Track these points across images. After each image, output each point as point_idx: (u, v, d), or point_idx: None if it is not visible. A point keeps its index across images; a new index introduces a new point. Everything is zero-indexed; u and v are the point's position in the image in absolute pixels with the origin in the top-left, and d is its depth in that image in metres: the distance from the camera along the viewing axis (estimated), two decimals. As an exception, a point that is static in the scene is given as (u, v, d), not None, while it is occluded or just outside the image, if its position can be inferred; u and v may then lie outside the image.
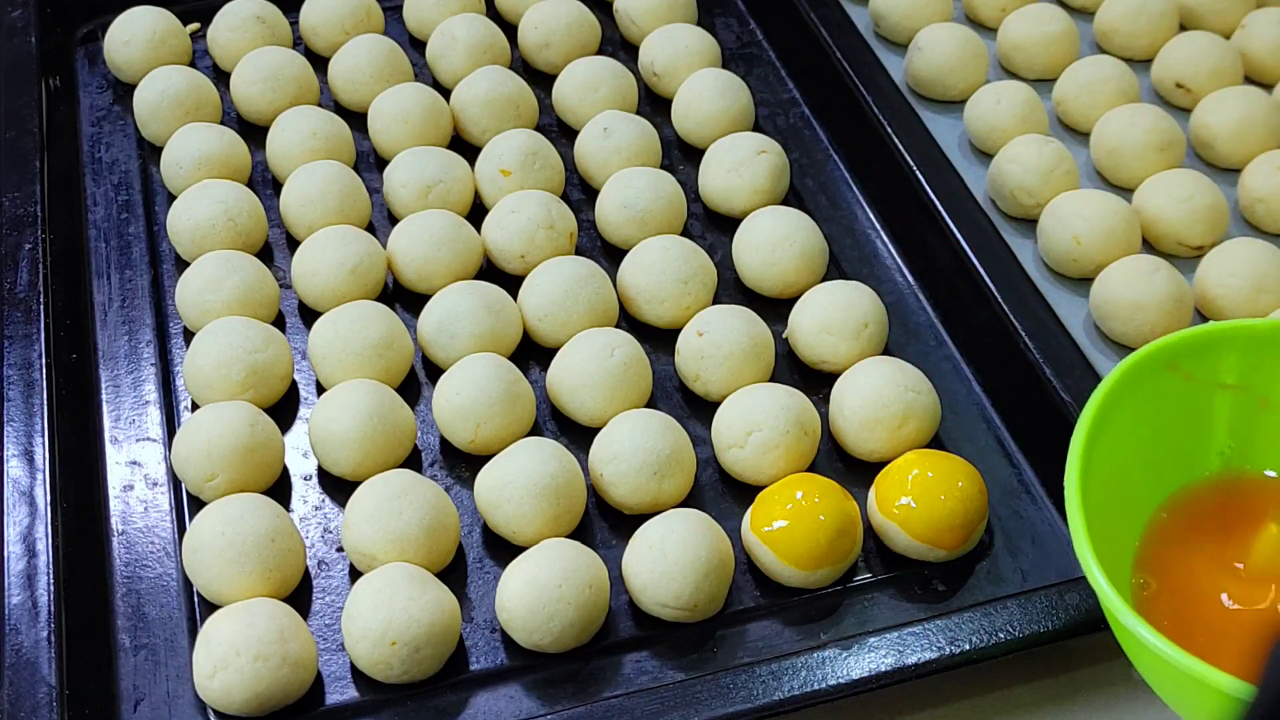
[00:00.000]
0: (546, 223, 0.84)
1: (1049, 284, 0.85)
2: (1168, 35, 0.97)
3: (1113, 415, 0.59)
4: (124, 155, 0.94)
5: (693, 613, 0.68)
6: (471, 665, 0.67)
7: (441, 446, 0.77)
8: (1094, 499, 0.56)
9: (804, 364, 0.81)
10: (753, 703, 0.62)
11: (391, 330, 0.78)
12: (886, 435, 0.74)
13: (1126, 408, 0.60)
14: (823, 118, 0.97)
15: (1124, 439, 0.60)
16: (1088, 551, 0.54)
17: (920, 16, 1.00)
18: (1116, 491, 0.59)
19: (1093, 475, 0.57)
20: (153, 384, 0.80)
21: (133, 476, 0.75)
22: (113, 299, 0.85)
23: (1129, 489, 0.61)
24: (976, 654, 0.65)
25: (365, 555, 0.68)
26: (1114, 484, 0.59)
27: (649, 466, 0.71)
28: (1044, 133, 0.92)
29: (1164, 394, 0.61)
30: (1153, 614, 0.57)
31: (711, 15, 1.05)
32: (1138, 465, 0.61)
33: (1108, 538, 0.57)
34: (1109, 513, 0.58)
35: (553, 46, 0.98)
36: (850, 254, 0.88)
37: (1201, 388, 0.62)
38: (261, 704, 0.63)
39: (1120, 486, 0.60)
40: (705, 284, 0.82)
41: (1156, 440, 0.62)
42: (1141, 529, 0.61)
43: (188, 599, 0.70)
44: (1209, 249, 0.84)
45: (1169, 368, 0.61)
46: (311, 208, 0.85)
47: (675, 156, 0.94)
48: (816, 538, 0.68)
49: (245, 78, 0.94)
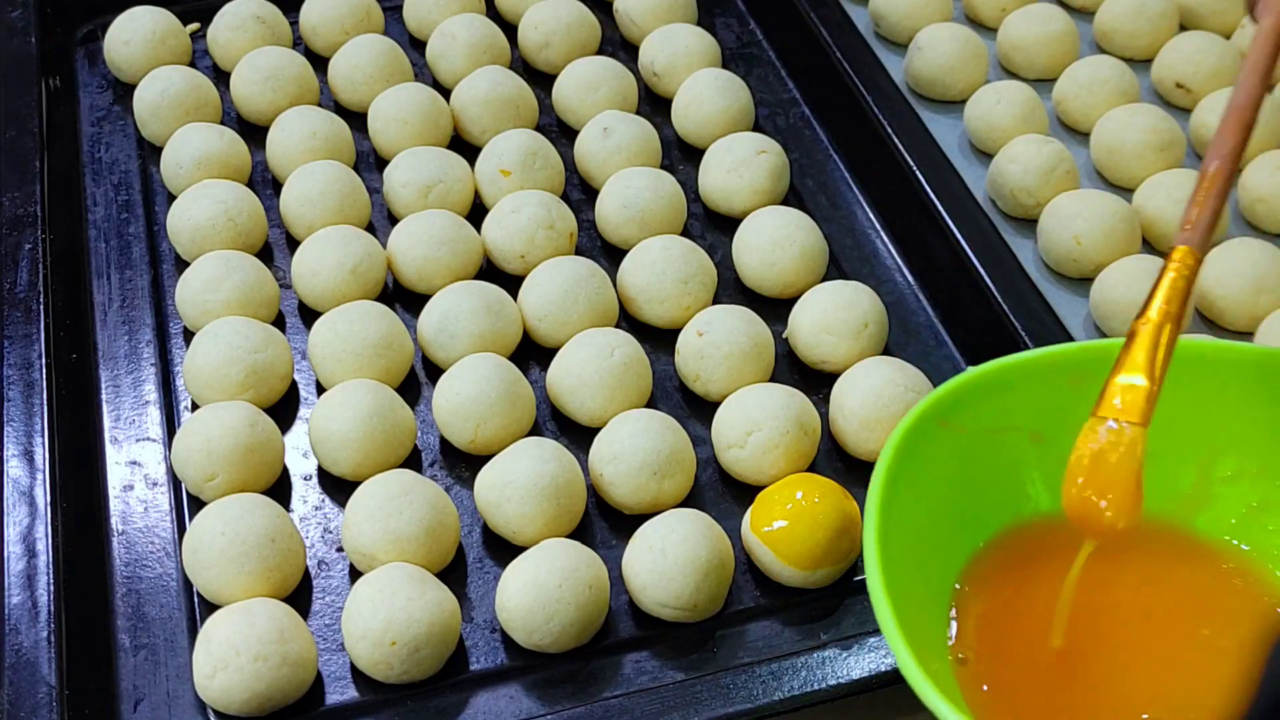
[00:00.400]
0: (546, 223, 0.84)
1: (1049, 284, 0.85)
2: (1168, 35, 0.97)
3: (900, 484, 0.56)
4: (124, 155, 0.94)
5: (693, 613, 0.68)
6: (471, 665, 0.67)
7: (441, 446, 0.77)
8: (899, 572, 0.53)
9: (804, 364, 0.81)
10: (753, 703, 0.62)
11: (391, 330, 0.78)
12: (886, 435, 0.74)
13: (912, 473, 0.56)
14: (823, 118, 0.97)
15: (913, 510, 0.56)
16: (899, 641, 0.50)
17: (920, 16, 1.00)
18: (921, 566, 0.56)
19: (891, 554, 0.53)
20: (153, 384, 0.80)
21: (133, 476, 0.75)
22: (113, 299, 0.85)
23: (932, 561, 0.58)
24: (976, 654, 0.65)
25: (365, 555, 0.68)
26: (915, 560, 0.56)
27: (649, 466, 0.71)
28: (1044, 133, 0.92)
29: (941, 451, 0.58)
30: (973, 686, 0.55)
31: (711, 15, 1.05)
32: (931, 535, 0.58)
33: (920, 616, 0.54)
34: (919, 590, 0.55)
35: (553, 46, 0.98)
36: (850, 254, 0.88)
37: (972, 437, 0.59)
38: (261, 704, 0.63)
39: (924, 561, 0.57)
40: (705, 284, 0.82)
41: (943, 503, 0.59)
42: (949, 599, 0.58)
43: (188, 599, 0.70)
44: (1209, 249, 0.83)
45: (939, 423, 0.58)
46: (311, 208, 0.85)
47: (675, 156, 0.94)
48: (816, 538, 0.68)
49: (245, 78, 0.94)
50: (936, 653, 0.56)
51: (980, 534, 0.60)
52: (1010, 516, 0.61)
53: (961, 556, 0.60)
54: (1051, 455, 0.59)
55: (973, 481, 0.60)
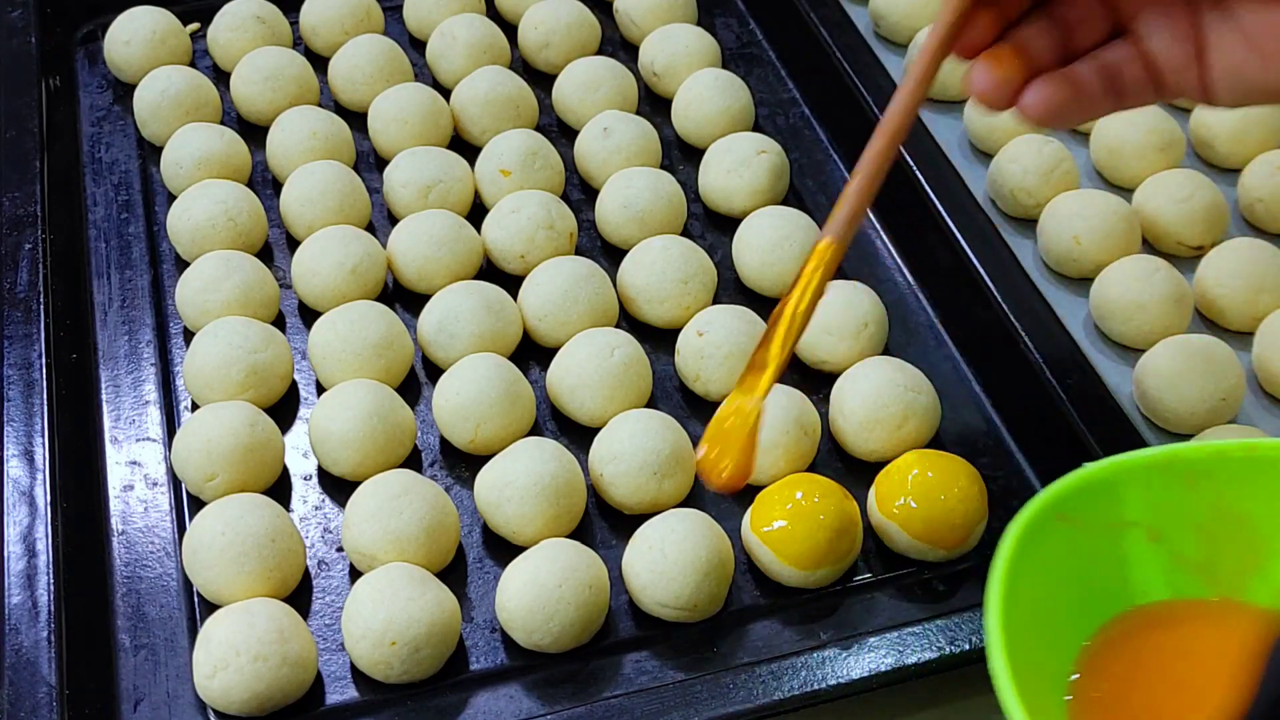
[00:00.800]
0: (546, 223, 0.84)
1: (1049, 284, 0.85)
2: (1168, 35, 0.97)
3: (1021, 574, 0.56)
4: (124, 155, 0.94)
5: (693, 613, 0.68)
6: (471, 665, 0.67)
7: (441, 446, 0.77)
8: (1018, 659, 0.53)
9: (804, 364, 0.81)
10: (753, 702, 0.62)
11: (391, 330, 0.78)
12: (886, 435, 0.74)
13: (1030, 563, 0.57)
14: (823, 118, 0.97)
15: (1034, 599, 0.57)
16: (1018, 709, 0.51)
17: (920, 16, 1.00)
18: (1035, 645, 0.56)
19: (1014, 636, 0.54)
20: (153, 384, 0.80)
21: (133, 476, 0.75)
22: (113, 299, 0.85)
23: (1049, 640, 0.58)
24: (976, 654, 0.65)
25: (365, 555, 0.68)
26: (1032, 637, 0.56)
27: (649, 466, 0.71)
28: (1044, 133, 0.92)
29: (1060, 545, 0.58)
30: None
31: (711, 15, 1.05)
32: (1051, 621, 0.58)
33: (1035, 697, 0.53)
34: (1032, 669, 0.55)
35: (553, 46, 0.98)
36: (850, 254, 0.87)
37: (1091, 533, 0.59)
38: (261, 704, 0.64)
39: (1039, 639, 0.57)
40: (705, 284, 0.82)
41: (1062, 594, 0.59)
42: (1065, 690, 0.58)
43: (188, 599, 0.70)
44: (1209, 249, 0.84)
45: (1058, 519, 0.58)
46: (311, 208, 0.85)
47: (675, 156, 0.94)
48: (816, 537, 0.68)
49: (245, 78, 0.94)
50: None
51: (1093, 624, 0.60)
52: (1126, 608, 0.61)
53: (1075, 645, 0.60)
54: (1168, 552, 0.60)
55: (1088, 574, 0.60)
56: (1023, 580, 0.56)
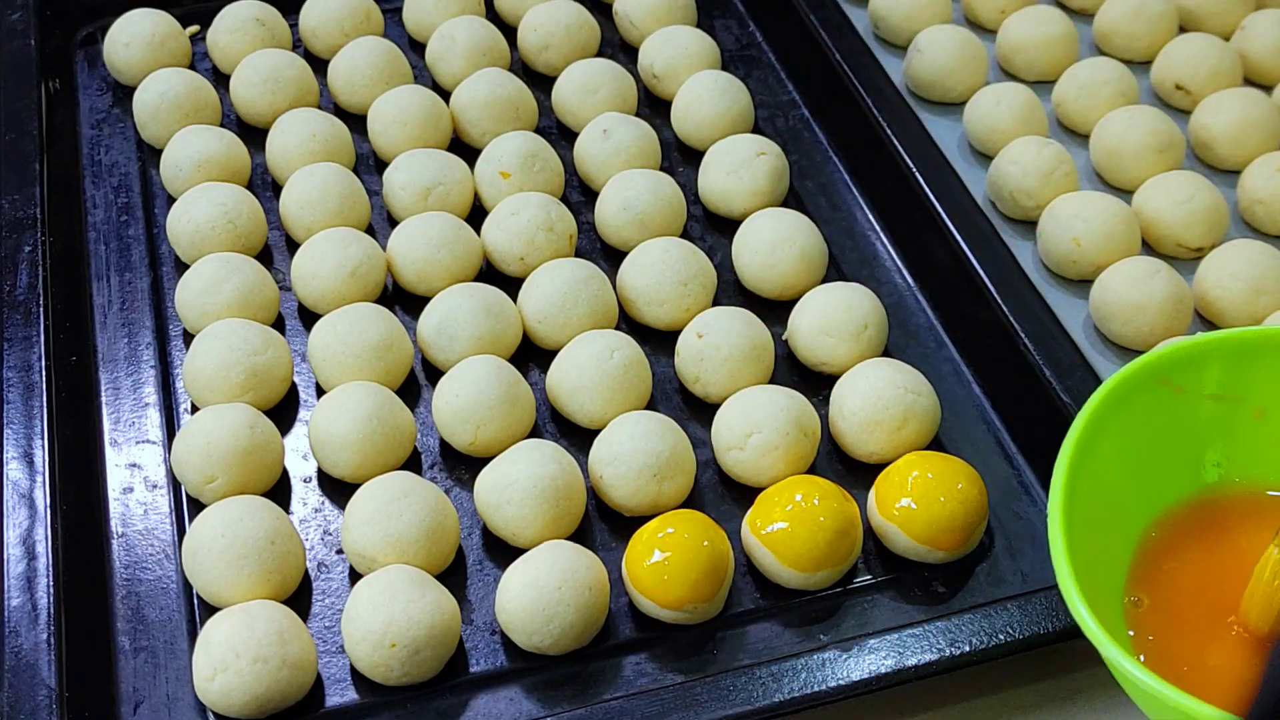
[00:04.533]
0: (546, 225, 0.84)
1: (1049, 286, 0.85)
2: (1167, 37, 0.98)
3: (1099, 435, 0.58)
4: (123, 158, 0.94)
5: (693, 614, 0.68)
6: (471, 667, 0.67)
7: (441, 449, 0.77)
8: (1080, 519, 0.56)
9: (804, 366, 0.81)
10: (752, 704, 0.62)
11: (391, 332, 0.78)
12: (886, 437, 0.74)
13: (1114, 425, 0.59)
14: (822, 119, 0.97)
15: (1112, 457, 0.59)
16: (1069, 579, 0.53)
17: (920, 18, 1.00)
18: (1106, 510, 0.58)
19: (1079, 496, 0.56)
20: (152, 386, 0.80)
21: (132, 479, 0.75)
22: (112, 301, 0.85)
23: (1119, 507, 0.60)
24: (976, 655, 0.65)
25: (365, 557, 0.68)
26: (1103, 502, 0.58)
27: (649, 469, 0.71)
28: (1043, 134, 0.92)
29: (1153, 408, 0.60)
30: (1143, 630, 0.57)
31: (711, 17, 1.05)
32: (1128, 483, 0.60)
33: (1097, 557, 0.56)
34: (1098, 531, 0.57)
35: (552, 48, 0.98)
36: (850, 255, 0.88)
37: (1191, 400, 0.61)
38: (261, 706, 0.63)
39: (1110, 505, 0.59)
40: (705, 286, 0.82)
41: (1147, 456, 0.61)
42: (1134, 546, 0.60)
43: (187, 601, 0.70)
44: (1209, 251, 0.84)
45: (1160, 382, 0.60)
46: (311, 210, 0.85)
47: (675, 158, 0.94)
48: (816, 539, 0.68)
49: (245, 80, 0.94)
50: (1108, 588, 0.58)
51: (1181, 489, 0.62)
52: (1214, 479, 0.62)
53: (1157, 505, 0.61)
54: (1270, 431, 0.61)
55: (1179, 441, 0.61)
56: (1105, 433, 0.58)
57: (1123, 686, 0.54)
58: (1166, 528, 0.61)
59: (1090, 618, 0.52)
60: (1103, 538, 0.58)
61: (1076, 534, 0.55)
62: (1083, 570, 0.54)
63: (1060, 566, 0.54)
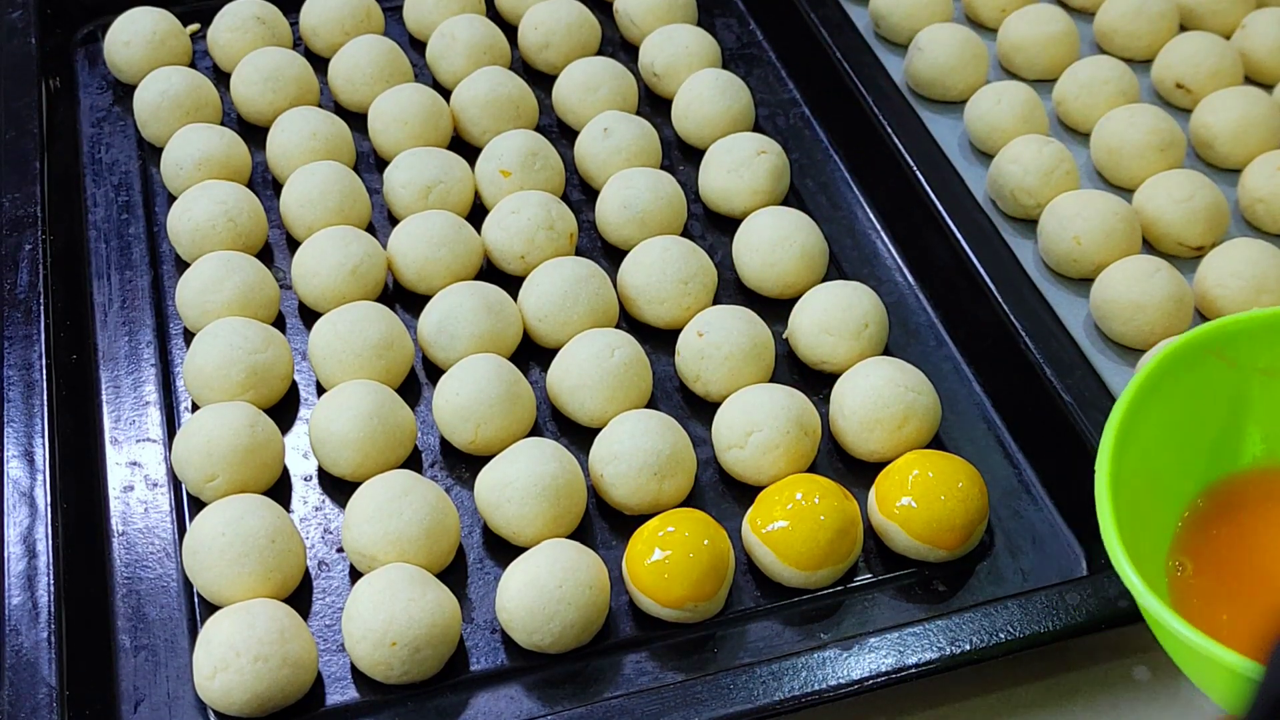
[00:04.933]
0: (546, 223, 0.84)
1: (1049, 284, 0.85)
2: (1168, 36, 0.97)
3: (1151, 400, 0.58)
4: (124, 156, 0.94)
5: (693, 613, 0.68)
6: (472, 666, 0.67)
7: (442, 447, 0.77)
8: (1127, 483, 0.56)
9: (804, 364, 0.81)
10: (753, 703, 0.62)
11: (391, 331, 0.78)
12: (886, 435, 0.74)
13: (1166, 393, 0.59)
14: (823, 118, 0.97)
15: (1161, 425, 0.59)
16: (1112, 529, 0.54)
17: (920, 17, 1.00)
18: (1152, 477, 0.59)
19: (1127, 460, 0.57)
20: (153, 385, 0.80)
21: (133, 477, 0.75)
22: (113, 300, 0.85)
23: (1166, 475, 0.60)
24: (977, 654, 0.65)
25: (365, 556, 0.68)
26: (1150, 469, 0.58)
27: (649, 467, 0.71)
28: (1044, 133, 0.92)
29: (1205, 380, 0.61)
30: (1186, 596, 0.57)
31: (711, 15, 1.05)
32: (1176, 452, 0.61)
33: (1141, 522, 0.56)
34: (1144, 497, 0.57)
35: (553, 47, 0.98)
36: (850, 254, 0.88)
37: (1243, 374, 0.61)
38: (262, 705, 0.63)
39: (1157, 472, 0.59)
40: (705, 284, 0.82)
41: (1196, 428, 0.61)
42: (1180, 515, 0.60)
43: (188, 600, 0.70)
44: (1209, 249, 0.84)
45: (1214, 354, 0.60)
46: (311, 208, 0.85)
47: (675, 157, 0.94)
48: (816, 538, 0.68)
49: (245, 78, 0.94)
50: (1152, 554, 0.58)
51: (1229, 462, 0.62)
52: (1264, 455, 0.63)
53: (1208, 477, 0.62)
54: None
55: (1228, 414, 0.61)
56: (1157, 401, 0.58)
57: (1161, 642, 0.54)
58: (1213, 498, 0.61)
59: (1130, 569, 0.52)
60: (1148, 504, 0.58)
61: (1122, 498, 0.55)
62: (1127, 533, 0.54)
63: (1105, 522, 0.54)
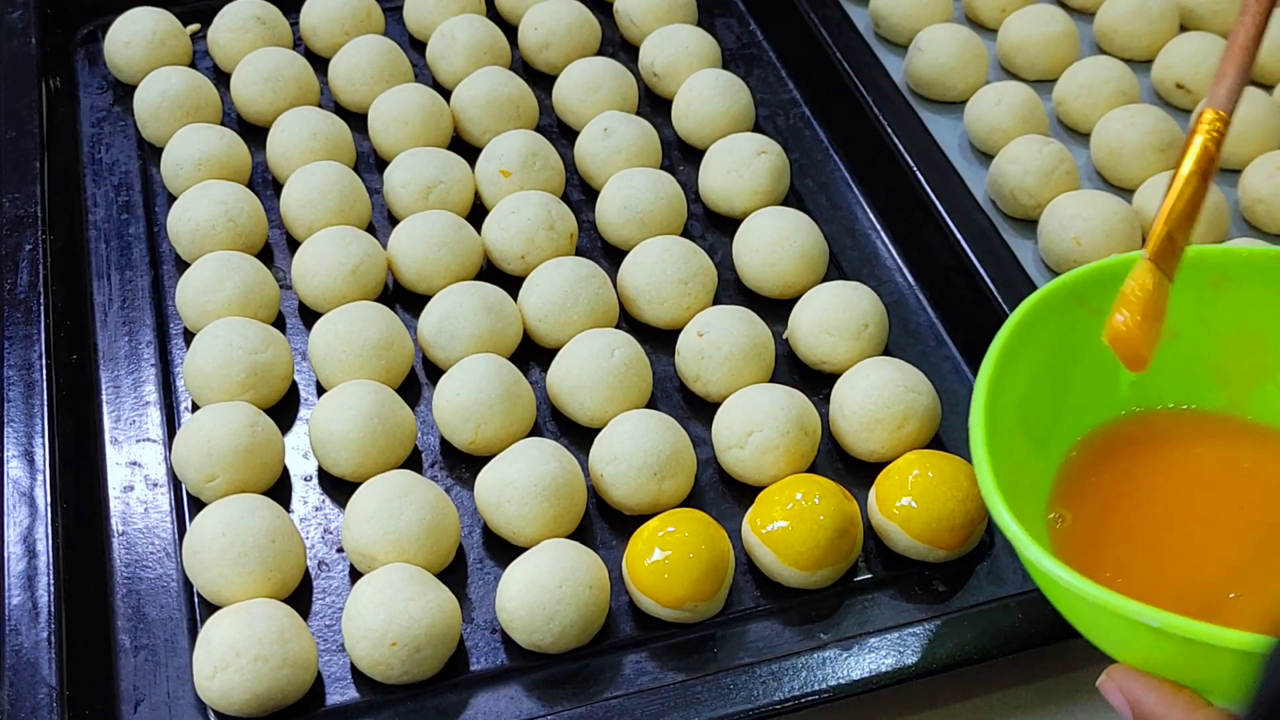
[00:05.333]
0: (547, 223, 0.84)
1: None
2: (1168, 36, 0.98)
3: (1019, 354, 0.59)
4: (124, 156, 0.94)
5: (693, 613, 0.68)
6: (472, 666, 0.67)
7: (442, 447, 0.77)
8: (1003, 438, 0.56)
9: (804, 364, 0.81)
10: (753, 703, 0.62)
11: (392, 331, 0.78)
12: (886, 436, 0.74)
13: (1032, 346, 0.59)
14: (823, 118, 0.97)
15: (1031, 378, 0.59)
16: (990, 482, 0.54)
17: (920, 17, 1.00)
18: (1028, 428, 0.59)
19: (1001, 413, 0.57)
20: (153, 385, 0.80)
21: (133, 477, 0.75)
22: (113, 300, 0.85)
23: (1041, 426, 0.61)
24: (977, 654, 0.65)
25: (365, 556, 0.68)
26: (1025, 421, 0.59)
27: (649, 467, 0.71)
28: (1044, 133, 0.92)
29: (1072, 329, 0.61)
30: (1067, 546, 0.57)
31: (711, 16, 1.05)
32: (1048, 403, 0.61)
33: (1019, 476, 0.57)
34: (1021, 450, 0.58)
35: (553, 47, 0.98)
36: (850, 254, 0.88)
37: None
38: (262, 704, 0.64)
39: (1031, 423, 0.59)
40: (705, 284, 0.82)
41: (1066, 378, 0.61)
42: (1056, 466, 0.61)
43: (188, 600, 0.70)
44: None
45: (1076, 303, 0.60)
46: (312, 208, 0.85)
47: (675, 157, 0.94)
48: (816, 538, 0.68)
49: (245, 78, 0.94)
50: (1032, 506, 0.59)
51: (1101, 411, 0.63)
52: (1133, 400, 0.63)
53: (1081, 427, 0.62)
54: (1183, 351, 0.62)
55: (1099, 363, 0.62)
56: (1024, 353, 0.59)
57: (1046, 594, 0.55)
58: (1086, 448, 0.62)
59: (1011, 520, 0.52)
60: (1025, 457, 0.59)
61: (999, 452, 0.55)
62: (1007, 486, 0.54)
63: (983, 475, 0.54)
